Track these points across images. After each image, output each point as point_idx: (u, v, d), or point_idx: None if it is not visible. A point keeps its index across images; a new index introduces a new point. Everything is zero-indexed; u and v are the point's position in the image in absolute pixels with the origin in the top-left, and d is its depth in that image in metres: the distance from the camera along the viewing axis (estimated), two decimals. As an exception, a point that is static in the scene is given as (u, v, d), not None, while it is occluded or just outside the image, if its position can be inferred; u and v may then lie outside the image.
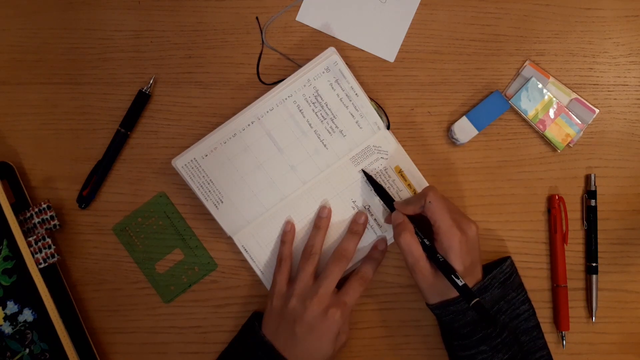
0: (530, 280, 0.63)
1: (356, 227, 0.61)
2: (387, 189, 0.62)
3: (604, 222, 0.64)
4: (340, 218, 0.62)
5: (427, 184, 0.63)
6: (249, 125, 0.61)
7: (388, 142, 0.62)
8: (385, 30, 0.65)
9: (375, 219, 0.62)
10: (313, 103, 0.61)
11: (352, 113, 0.62)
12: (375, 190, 0.61)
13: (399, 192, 0.62)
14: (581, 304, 0.64)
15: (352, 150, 0.62)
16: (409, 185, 0.62)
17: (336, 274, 0.59)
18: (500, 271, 0.58)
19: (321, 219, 0.61)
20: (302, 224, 0.62)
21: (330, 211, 0.62)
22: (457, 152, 0.64)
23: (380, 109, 0.64)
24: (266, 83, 0.65)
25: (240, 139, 0.61)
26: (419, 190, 0.62)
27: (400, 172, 0.62)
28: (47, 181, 0.64)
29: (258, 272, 0.62)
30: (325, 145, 0.62)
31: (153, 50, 0.66)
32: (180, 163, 0.61)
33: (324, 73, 0.61)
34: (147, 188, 0.64)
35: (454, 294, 0.56)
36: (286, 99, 0.61)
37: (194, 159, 0.61)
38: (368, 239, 0.62)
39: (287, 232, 0.61)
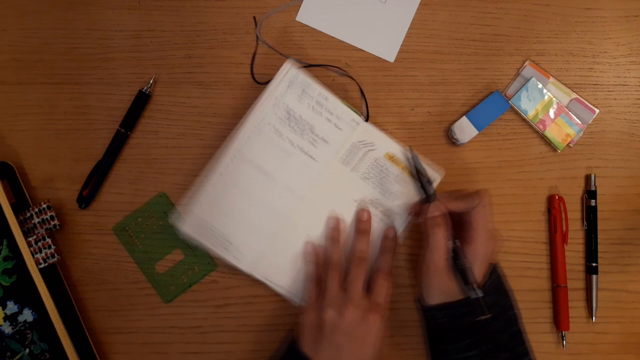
0: (530, 280, 0.63)
1: (362, 225, 0.61)
2: (387, 178, 0.61)
3: (604, 222, 0.64)
4: (348, 220, 0.62)
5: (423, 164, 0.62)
6: (232, 160, 0.60)
7: (370, 133, 0.62)
8: (385, 30, 0.65)
9: (381, 211, 0.62)
10: (287, 119, 0.61)
11: (328, 118, 0.61)
12: (418, 173, 0.60)
13: (395, 178, 0.62)
14: (581, 304, 0.64)
15: (338, 152, 0.62)
16: (404, 168, 0.62)
17: (360, 275, 0.58)
18: (496, 277, 0.58)
19: (332, 230, 0.61)
20: (315, 237, 0.62)
21: (339, 220, 0.62)
22: (457, 152, 0.64)
23: (361, 100, 0.64)
24: (260, 82, 0.65)
25: (228, 177, 0.60)
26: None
27: (391, 158, 0.62)
28: (47, 181, 0.64)
29: (287, 294, 0.62)
30: (312, 157, 0.61)
31: (153, 50, 0.66)
32: (188, 228, 0.60)
33: (289, 88, 0.61)
34: (147, 188, 0.64)
35: (457, 297, 0.55)
36: (260, 123, 0.60)
37: (196, 216, 0.60)
38: (379, 230, 0.62)
39: (310, 253, 0.61)
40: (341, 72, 0.65)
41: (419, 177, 0.60)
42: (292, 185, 0.61)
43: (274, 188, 0.61)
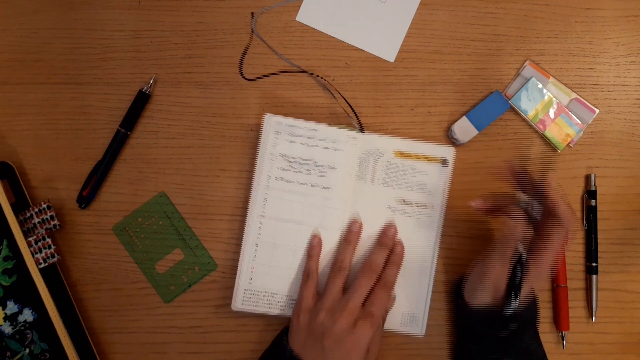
0: (530, 280, 0.63)
1: (385, 239, 0.61)
2: (406, 174, 0.62)
3: (604, 222, 0.64)
4: (372, 230, 0.62)
5: (433, 144, 0.62)
6: (260, 227, 0.61)
7: (371, 142, 0.62)
8: (385, 30, 0.65)
9: (417, 204, 0.62)
10: (290, 166, 0.61)
11: (325, 146, 0.62)
12: (538, 194, 0.55)
13: (413, 169, 0.62)
14: (581, 304, 0.64)
15: (350, 173, 0.62)
16: (417, 157, 0.62)
17: (365, 286, 0.58)
18: (534, 304, 0.58)
19: (352, 233, 0.61)
20: (333, 239, 0.62)
21: (361, 225, 0.61)
22: (457, 152, 0.64)
23: (348, 118, 0.64)
24: (248, 79, 0.65)
25: (264, 243, 0.61)
26: (435, 155, 0.62)
27: (401, 154, 0.62)
28: (47, 181, 0.64)
29: None
30: (328, 188, 0.62)
31: (153, 50, 0.65)
32: (238, 304, 0.61)
33: (277, 137, 0.61)
34: (147, 188, 0.64)
35: (498, 302, 0.55)
36: (267, 182, 0.61)
37: (244, 290, 0.61)
38: (420, 234, 0.62)
39: (314, 246, 0.61)
40: (321, 79, 0.65)
41: (536, 195, 0.55)
42: (324, 222, 0.61)
43: (310, 232, 0.61)
